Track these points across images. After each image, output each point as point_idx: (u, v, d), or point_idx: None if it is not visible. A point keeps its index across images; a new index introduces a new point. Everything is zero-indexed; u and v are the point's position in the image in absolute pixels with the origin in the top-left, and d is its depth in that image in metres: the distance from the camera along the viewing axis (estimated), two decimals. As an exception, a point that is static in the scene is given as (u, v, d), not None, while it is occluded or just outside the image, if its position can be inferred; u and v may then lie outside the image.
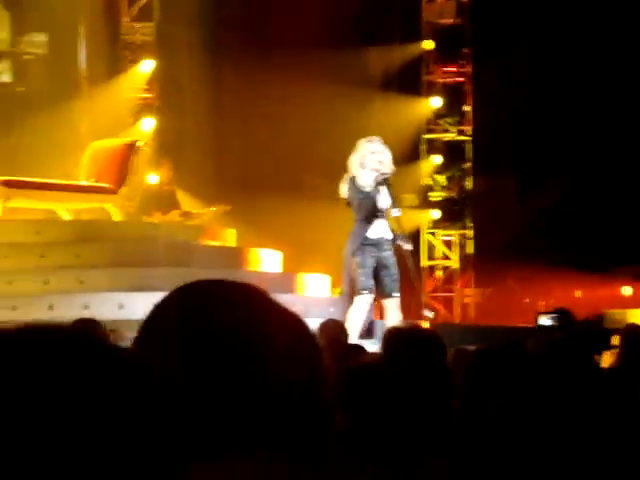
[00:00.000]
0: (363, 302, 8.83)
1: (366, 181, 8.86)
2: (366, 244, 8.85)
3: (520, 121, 16.19)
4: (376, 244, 8.89)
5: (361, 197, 8.85)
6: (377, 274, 8.92)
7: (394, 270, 8.91)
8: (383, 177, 8.84)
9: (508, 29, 15.94)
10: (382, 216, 8.91)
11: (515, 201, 17.06)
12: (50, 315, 8.74)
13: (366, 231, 8.87)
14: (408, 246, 8.96)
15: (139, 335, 1.40)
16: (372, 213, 8.86)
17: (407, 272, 9.11)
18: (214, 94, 15.87)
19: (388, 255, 8.91)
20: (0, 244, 9.74)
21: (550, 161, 16.26)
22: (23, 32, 15.44)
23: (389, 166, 8.92)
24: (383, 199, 8.86)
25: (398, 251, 9.02)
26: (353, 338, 7.56)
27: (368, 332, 8.97)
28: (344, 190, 8.98)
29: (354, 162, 8.95)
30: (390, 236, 8.95)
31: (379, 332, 8.39)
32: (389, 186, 8.90)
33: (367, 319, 8.91)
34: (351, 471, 2.36)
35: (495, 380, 3.26)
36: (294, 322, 1.42)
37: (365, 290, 8.80)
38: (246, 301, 1.39)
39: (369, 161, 8.86)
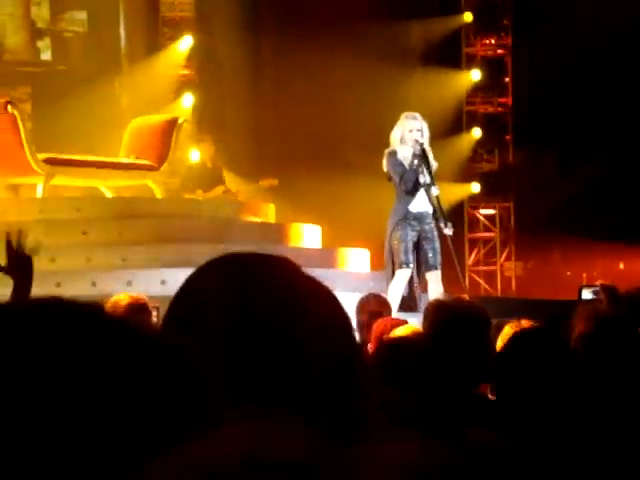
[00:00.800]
0: (402, 276, 8.88)
1: (406, 155, 8.90)
2: (408, 218, 8.90)
3: (561, 92, 16.05)
4: (418, 217, 8.93)
5: (401, 171, 8.89)
6: (419, 247, 8.96)
7: (436, 244, 8.96)
8: (421, 152, 8.85)
9: (547, 1, 15.80)
10: (423, 190, 8.94)
11: (557, 173, 16.95)
12: (93, 292, 8.82)
13: (408, 205, 8.92)
14: (449, 231, 8.97)
15: (173, 307, 1.41)
16: (413, 187, 8.89)
17: (447, 248, 9.11)
18: (253, 70, 15.87)
19: (430, 228, 8.95)
20: (43, 221, 9.82)
21: (592, 132, 16.12)
22: (63, 10, 15.51)
23: (427, 142, 8.95)
24: (423, 174, 8.90)
25: (438, 225, 9.04)
26: (394, 312, 7.61)
27: (412, 305, 8.98)
28: (385, 164, 9.01)
29: (395, 136, 8.98)
30: (431, 209, 8.97)
31: (422, 305, 8.40)
32: (427, 163, 8.91)
33: (408, 292, 8.93)
34: (392, 441, 2.37)
35: (534, 357, 3.24)
36: (327, 295, 1.44)
37: (404, 264, 8.84)
38: (281, 272, 1.41)
39: (409, 136, 8.89)
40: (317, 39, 14.78)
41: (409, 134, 8.91)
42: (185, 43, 15.59)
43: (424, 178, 8.91)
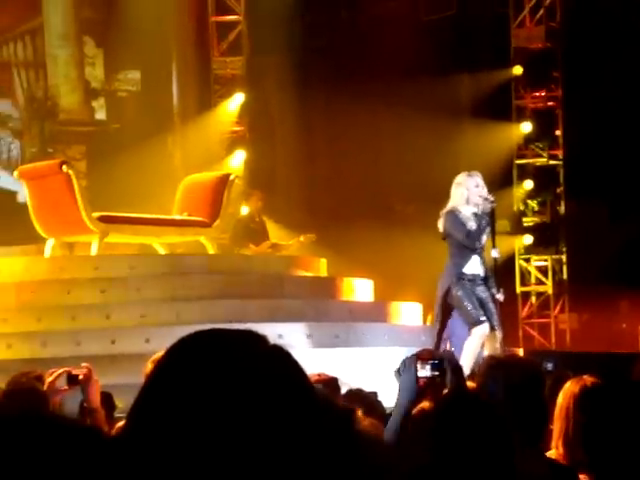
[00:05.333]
0: (480, 333, 8.67)
1: (468, 215, 8.80)
2: (462, 279, 8.79)
3: (612, 144, 15.99)
4: (471, 280, 8.83)
5: (462, 232, 8.78)
6: None
7: (491, 305, 8.83)
8: (490, 210, 8.78)
9: (598, 52, 15.80)
10: (478, 253, 8.86)
11: (609, 224, 16.84)
12: (147, 348, 8.88)
13: (462, 266, 8.81)
14: (501, 297, 8.90)
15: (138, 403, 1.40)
16: (470, 249, 8.80)
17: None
18: (304, 125, 16.00)
19: (482, 290, 8.83)
20: (97, 279, 9.92)
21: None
22: (117, 70, 15.77)
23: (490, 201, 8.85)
24: (483, 236, 8.81)
25: None
26: (467, 372, 7.44)
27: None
28: (442, 224, 8.91)
29: (458, 196, 8.84)
30: (483, 274, 8.87)
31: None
32: (494, 223, 8.86)
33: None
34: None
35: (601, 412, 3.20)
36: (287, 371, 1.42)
37: (479, 321, 8.68)
38: (238, 353, 1.40)
39: (475, 192, 8.79)
40: (368, 93, 14.88)
41: (475, 189, 8.81)
42: (236, 100, 15.76)
43: (484, 239, 8.83)
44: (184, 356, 1.37)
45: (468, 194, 8.78)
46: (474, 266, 8.84)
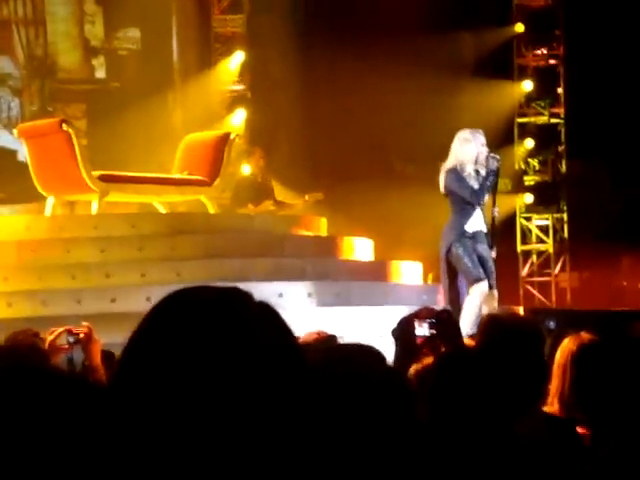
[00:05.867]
0: (479, 291, 8.66)
1: (473, 174, 8.76)
2: (465, 236, 8.78)
3: (614, 102, 15.94)
4: (473, 237, 8.81)
5: (467, 189, 8.75)
6: None
7: (491, 263, 8.83)
8: (496, 168, 8.75)
9: (600, 9, 15.70)
10: (480, 209, 8.84)
11: (610, 183, 16.82)
12: (147, 307, 8.88)
13: (465, 223, 8.79)
14: (493, 254, 8.86)
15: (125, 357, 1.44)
16: (473, 206, 8.78)
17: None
18: (305, 83, 15.94)
19: (484, 248, 8.83)
20: (98, 238, 9.93)
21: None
22: (116, 28, 15.69)
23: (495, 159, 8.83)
24: (486, 193, 8.78)
25: None
26: (470, 330, 7.45)
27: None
28: (443, 181, 8.86)
29: (466, 153, 8.78)
30: (485, 229, 8.87)
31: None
32: (497, 182, 8.84)
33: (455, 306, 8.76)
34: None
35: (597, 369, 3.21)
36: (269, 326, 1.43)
37: (479, 279, 8.68)
38: (225, 308, 1.42)
39: (482, 153, 8.75)
40: (369, 52, 14.81)
41: (482, 147, 8.78)
42: (237, 59, 15.70)
43: (486, 196, 8.82)
44: (170, 312, 1.40)
45: (477, 152, 8.75)
46: (476, 223, 8.83)
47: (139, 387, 1.34)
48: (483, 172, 8.78)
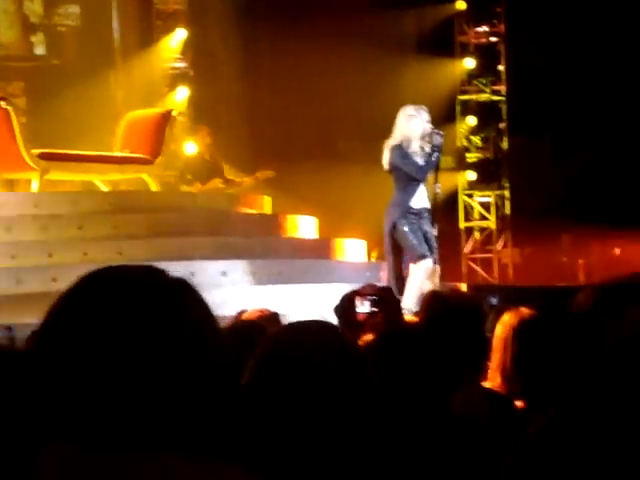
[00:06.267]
0: (424, 268, 8.70)
1: (417, 150, 8.77)
2: (409, 213, 8.80)
3: (555, 79, 16.07)
4: (417, 213, 8.84)
5: (413, 165, 8.76)
6: None
7: (433, 240, 8.87)
8: (439, 144, 8.78)
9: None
10: (423, 186, 8.87)
11: (551, 160, 16.97)
12: (90, 286, 8.82)
13: (409, 200, 8.81)
14: (435, 231, 8.89)
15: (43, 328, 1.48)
16: (417, 182, 8.80)
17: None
18: (247, 61, 15.87)
19: (428, 225, 8.86)
20: (39, 216, 9.83)
21: (586, 118, 16.13)
22: (56, 4, 15.50)
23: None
24: (430, 169, 8.81)
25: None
26: (414, 307, 7.48)
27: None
28: (387, 157, 8.86)
29: (412, 128, 8.79)
30: (429, 205, 8.91)
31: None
32: (439, 158, 8.87)
33: (398, 283, 8.78)
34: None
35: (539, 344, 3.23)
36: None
37: (423, 256, 8.71)
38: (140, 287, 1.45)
39: (427, 129, 8.77)
40: (311, 30, 14.78)
41: (427, 124, 8.81)
42: (179, 36, 15.58)
43: (431, 172, 8.85)
44: (88, 288, 1.46)
45: (424, 127, 8.76)
46: (421, 199, 8.87)
47: (55, 358, 1.37)
48: (427, 148, 8.81)
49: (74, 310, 1.44)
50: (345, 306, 3.69)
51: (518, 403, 3.24)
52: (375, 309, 3.70)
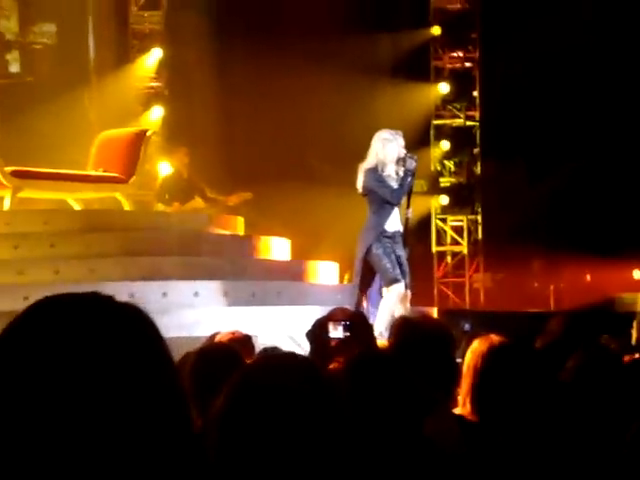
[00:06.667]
0: (396, 292, 8.71)
1: (392, 174, 8.81)
2: (383, 236, 8.82)
3: (528, 106, 16.17)
4: (391, 237, 8.86)
5: (388, 188, 8.78)
6: None
7: (406, 265, 8.89)
8: (413, 168, 8.82)
9: (515, 13, 15.92)
10: (397, 209, 8.90)
11: (524, 185, 17.06)
12: (61, 305, 8.77)
13: (384, 223, 8.83)
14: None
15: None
16: (391, 206, 8.83)
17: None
18: (222, 81, 15.89)
19: (401, 249, 8.88)
20: (10, 235, 9.79)
21: (559, 145, 16.25)
22: (32, 22, 15.48)
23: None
24: (404, 192, 8.85)
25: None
26: (385, 331, 7.47)
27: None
28: (362, 180, 8.89)
29: (390, 154, 8.83)
30: (402, 229, 8.93)
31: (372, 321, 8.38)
32: (413, 182, 8.92)
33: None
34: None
35: (515, 375, 3.25)
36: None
37: (396, 280, 8.72)
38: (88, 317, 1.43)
39: (402, 153, 8.81)
40: (286, 51, 14.83)
41: (402, 149, 8.85)
42: (154, 56, 15.60)
43: (403, 197, 8.90)
44: (33, 317, 1.43)
45: (399, 151, 8.80)
46: (394, 223, 8.89)
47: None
48: (401, 173, 8.85)
49: (18, 339, 1.41)
50: (317, 331, 3.69)
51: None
52: (347, 334, 3.70)
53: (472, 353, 3.49)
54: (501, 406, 2.80)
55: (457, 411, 3.45)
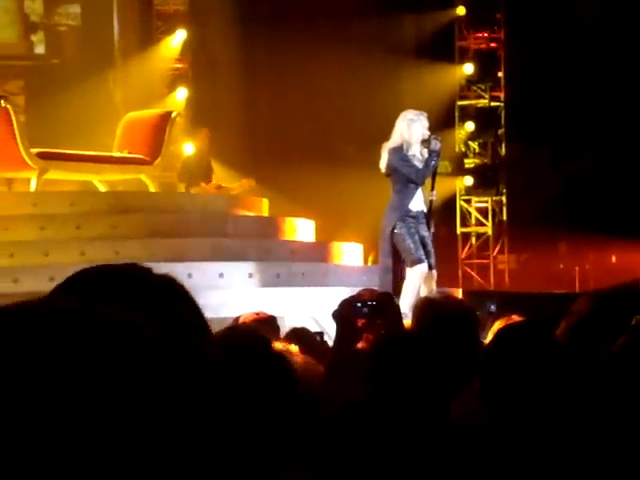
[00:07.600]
0: (419, 272, 8.68)
1: (416, 154, 8.79)
2: (407, 216, 8.80)
3: (554, 86, 16.09)
4: (415, 217, 8.83)
5: (413, 168, 8.78)
6: None
7: (430, 245, 8.86)
8: (438, 149, 8.80)
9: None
10: (421, 190, 8.88)
11: (549, 167, 16.99)
12: (87, 286, 8.81)
13: (408, 203, 8.81)
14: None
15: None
16: (415, 185, 8.81)
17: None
18: (246, 63, 15.89)
19: (425, 229, 8.86)
20: (36, 216, 9.83)
21: (585, 125, 16.16)
22: (57, 4, 15.51)
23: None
24: (429, 173, 8.83)
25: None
26: (409, 311, 7.47)
27: None
28: (386, 159, 8.88)
29: (412, 132, 8.80)
30: (426, 210, 8.91)
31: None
32: (437, 163, 8.91)
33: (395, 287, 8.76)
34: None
35: (519, 354, 3.25)
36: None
37: (419, 260, 8.71)
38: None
39: (426, 134, 8.79)
40: (310, 33, 14.80)
41: (426, 130, 8.83)
42: (179, 37, 15.60)
43: (428, 176, 8.88)
44: (71, 287, 1.41)
45: (423, 132, 8.78)
46: (418, 203, 8.87)
47: None
48: (426, 154, 8.83)
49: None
50: (344, 312, 3.69)
51: None
52: (374, 315, 3.70)
53: (492, 334, 3.49)
54: (504, 386, 2.80)
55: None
